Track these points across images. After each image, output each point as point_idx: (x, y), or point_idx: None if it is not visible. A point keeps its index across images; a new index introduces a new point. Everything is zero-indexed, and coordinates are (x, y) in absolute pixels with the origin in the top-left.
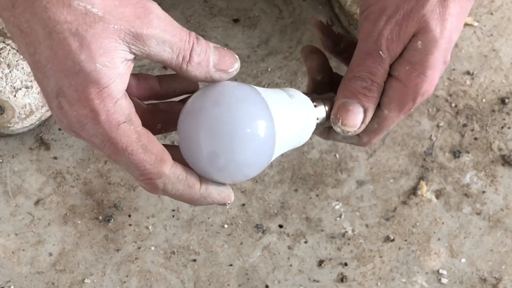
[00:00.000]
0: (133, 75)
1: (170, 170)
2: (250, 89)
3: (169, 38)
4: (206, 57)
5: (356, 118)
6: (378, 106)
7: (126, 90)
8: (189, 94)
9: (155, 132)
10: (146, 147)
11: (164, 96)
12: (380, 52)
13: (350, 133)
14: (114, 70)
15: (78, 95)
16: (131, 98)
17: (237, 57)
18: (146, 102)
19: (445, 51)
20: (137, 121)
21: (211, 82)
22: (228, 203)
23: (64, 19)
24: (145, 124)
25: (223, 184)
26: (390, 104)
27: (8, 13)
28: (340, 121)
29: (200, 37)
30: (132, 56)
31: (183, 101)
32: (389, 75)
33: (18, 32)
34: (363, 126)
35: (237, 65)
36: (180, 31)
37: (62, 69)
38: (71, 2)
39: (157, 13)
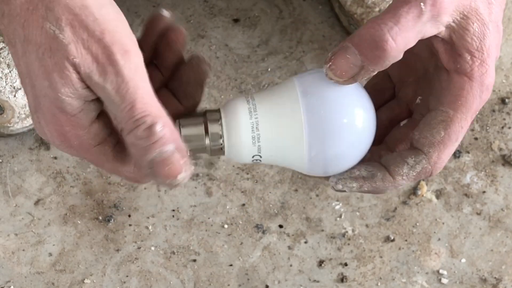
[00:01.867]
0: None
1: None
2: None
3: (118, 101)
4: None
5: (347, 68)
6: (441, 109)
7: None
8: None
9: None
10: (123, 163)
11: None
12: (422, 4)
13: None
14: (80, 100)
15: (50, 118)
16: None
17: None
18: None
19: (497, 39)
20: (113, 139)
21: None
22: (179, 180)
23: (35, 41)
24: None
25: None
26: (456, 103)
27: None
28: (330, 64)
29: (163, 129)
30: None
31: None
32: (445, 70)
33: (7, 40)
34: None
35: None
36: (135, 106)
37: (35, 87)
38: (43, 24)
39: (124, 72)
